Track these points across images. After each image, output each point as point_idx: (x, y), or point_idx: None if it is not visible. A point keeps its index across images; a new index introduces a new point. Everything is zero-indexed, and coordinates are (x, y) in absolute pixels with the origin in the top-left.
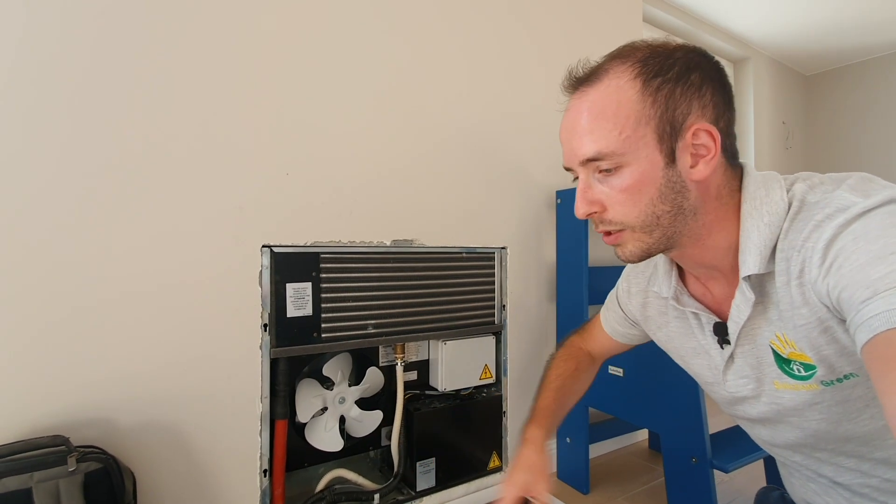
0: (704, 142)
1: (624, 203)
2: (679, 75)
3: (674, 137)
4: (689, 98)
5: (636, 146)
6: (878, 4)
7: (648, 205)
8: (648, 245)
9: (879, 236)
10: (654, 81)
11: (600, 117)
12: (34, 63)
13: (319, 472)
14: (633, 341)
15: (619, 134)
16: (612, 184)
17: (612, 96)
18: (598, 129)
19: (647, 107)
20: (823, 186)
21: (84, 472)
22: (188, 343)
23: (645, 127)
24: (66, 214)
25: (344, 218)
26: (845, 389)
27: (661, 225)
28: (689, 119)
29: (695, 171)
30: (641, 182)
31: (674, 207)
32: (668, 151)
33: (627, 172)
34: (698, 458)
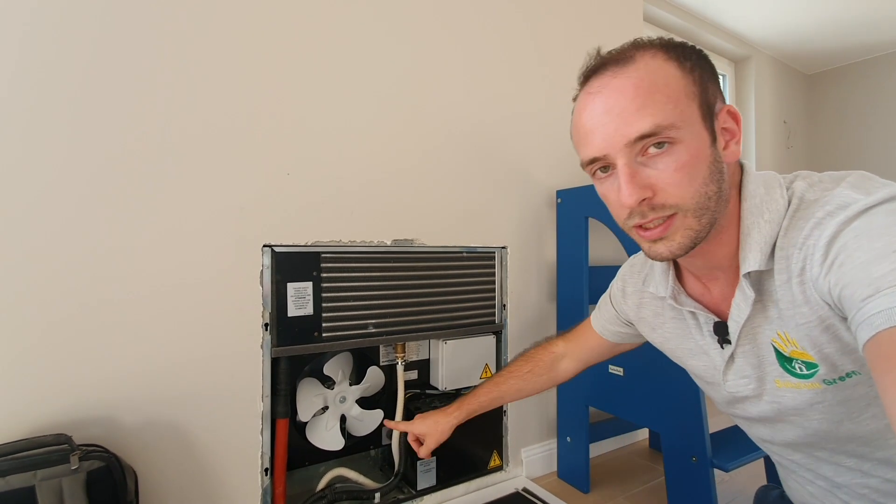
0: (731, 125)
1: (679, 183)
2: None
3: (711, 117)
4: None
5: (689, 121)
6: (879, 3)
7: (702, 184)
8: (697, 233)
9: (882, 234)
10: (686, 63)
11: (652, 91)
12: (36, 64)
13: (320, 471)
14: (624, 340)
15: (675, 107)
16: (665, 163)
17: (658, 72)
18: (653, 104)
19: (690, 84)
20: (823, 184)
21: (87, 471)
22: (190, 342)
23: (692, 103)
24: (68, 215)
25: (345, 218)
26: (847, 388)
27: (710, 208)
28: (718, 100)
29: (728, 152)
30: (696, 158)
31: (719, 189)
32: (711, 129)
33: (682, 149)
34: (698, 458)
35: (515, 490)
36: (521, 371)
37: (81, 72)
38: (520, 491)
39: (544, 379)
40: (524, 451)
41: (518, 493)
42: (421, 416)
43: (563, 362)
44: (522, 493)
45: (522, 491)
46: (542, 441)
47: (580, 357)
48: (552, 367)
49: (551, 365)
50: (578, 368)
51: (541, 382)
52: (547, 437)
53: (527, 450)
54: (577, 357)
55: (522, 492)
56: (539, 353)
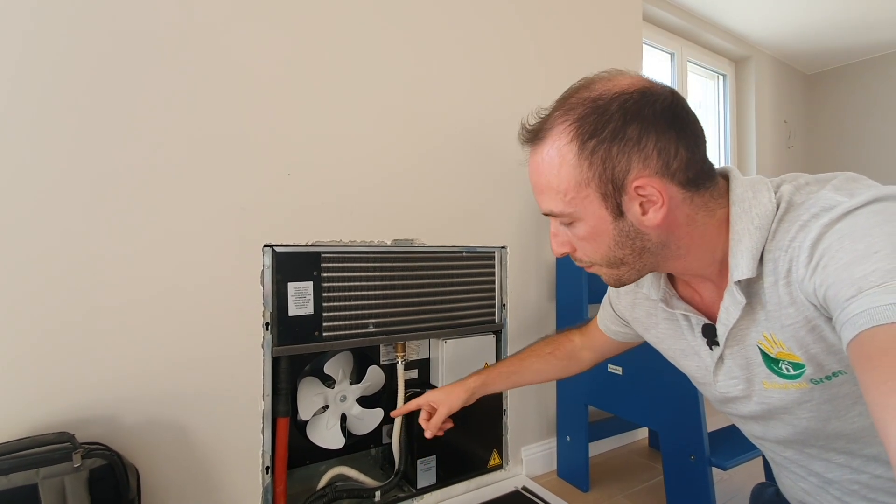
0: (649, 193)
1: (586, 249)
2: (615, 133)
3: (618, 193)
4: (628, 153)
5: (582, 205)
6: (879, 3)
7: (608, 250)
8: (619, 276)
9: (864, 235)
10: (589, 143)
11: (547, 181)
12: (35, 66)
13: (321, 470)
14: (627, 339)
15: (563, 196)
16: (573, 232)
17: (554, 161)
18: (547, 191)
19: (585, 170)
20: (809, 187)
21: (89, 469)
22: (191, 342)
23: (586, 188)
24: (69, 215)
25: (345, 218)
26: (833, 387)
27: (627, 262)
28: (630, 175)
29: (646, 218)
30: (595, 233)
31: (634, 250)
32: (614, 206)
33: (580, 226)
34: (697, 456)
35: (515, 489)
36: (542, 351)
37: (81, 73)
38: (519, 490)
39: (564, 364)
40: (524, 450)
41: (518, 492)
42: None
43: (584, 353)
44: (522, 491)
45: (522, 490)
46: (542, 440)
47: (597, 350)
48: (572, 355)
49: (571, 353)
50: (596, 360)
51: (560, 367)
52: (546, 435)
53: (526, 448)
54: (594, 350)
55: (522, 490)
56: (559, 339)
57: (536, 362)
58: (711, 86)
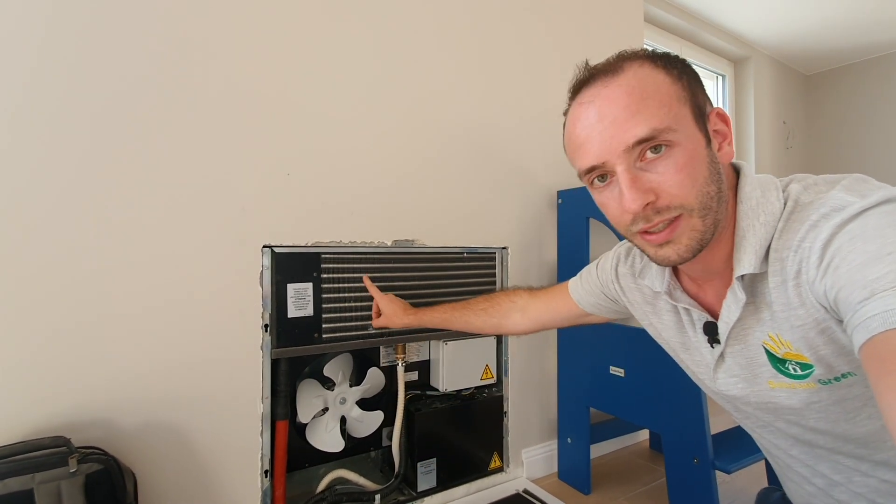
0: (720, 127)
1: (682, 184)
2: (685, 68)
3: (703, 119)
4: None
5: (683, 123)
6: (877, 4)
7: (703, 184)
8: (702, 234)
9: (876, 236)
10: (673, 70)
11: (645, 97)
12: (34, 66)
13: (320, 473)
14: (600, 313)
15: (668, 110)
16: (665, 166)
17: (648, 79)
18: (646, 109)
19: (679, 89)
20: (818, 187)
21: (85, 473)
22: (189, 344)
23: (684, 106)
24: (67, 216)
25: (345, 218)
26: (842, 388)
27: (713, 208)
28: (707, 104)
29: (722, 153)
30: (694, 159)
31: (719, 189)
32: (705, 131)
33: (680, 151)
34: (700, 459)
35: (516, 491)
36: (476, 306)
37: (78, 68)
38: (520, 492)
39: (493, 322)
40: (525, 452)
41: (519, 495)
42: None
43: (516, 316)
44: (523, 494)
45: (523, 492)
46: (543, 442)
47: (537, 318)
48: (504, 315)
49: (505, 313)
50: (530, 328)
51: (488, 324)
52: (547, 437)
53: (527, 451)
54: (532, 316)
55: (523, 493)
56: (500, 297)
57: (468, 314)
58: (710, 86)
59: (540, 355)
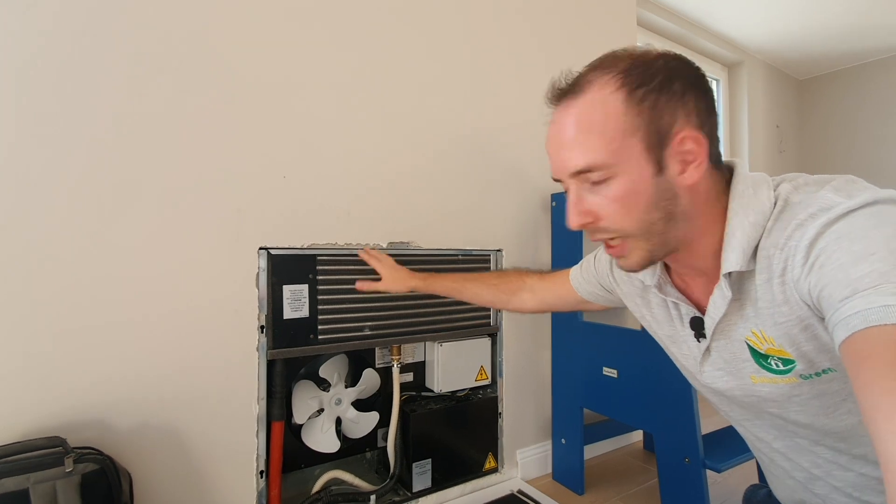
0: (691, 148)
1: (617, 212)
2: (662, 84)
3: (661, 146)
4: (674, 106)
5: (625, 157)
6: (868, 11)
7: (642, 213)
8: (649, 251)
9: (861, 236)
10: (637, 92)
11: (588, 130)
12: (32, 65)
13: (316, 474)
14: (596, 300)
15: (607, 145)
16: (604, 194)
17: (598, 108)
18: (587, 142)
19: (633, 117)
20: (808, 187)
21: (81, 474)
22: (185, 344)
23: (632, 138)
24: (61, 217)
25: (340, 220)
26: (823, 383)
27: (656, 232)
28: (675, 127)
29: (684, 177)
30: (633, 191)
31: (666, 214)
32: (657, 160)
33: (618, 183)
34: (691, 459)
35: (510, 492)
36: (488, 280)
37: (74, 72)
38: (515, 493)
39: (503, 297)
40: (519, 453)
41: (513, 495)
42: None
43: (526, 294)
44: (517, 494)
45: (517, 493)
46: (537, 443)
47: (544, 298)
48: (514, 293)
49: (515, 290)
50: (536, 308)
51: (499, 299)
52: (542, 438)
53: (522, 451)
54: (540, 297)
55: (517, 493)
56: (512, 275)
57: (478, 286)
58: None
59: (534, 357)
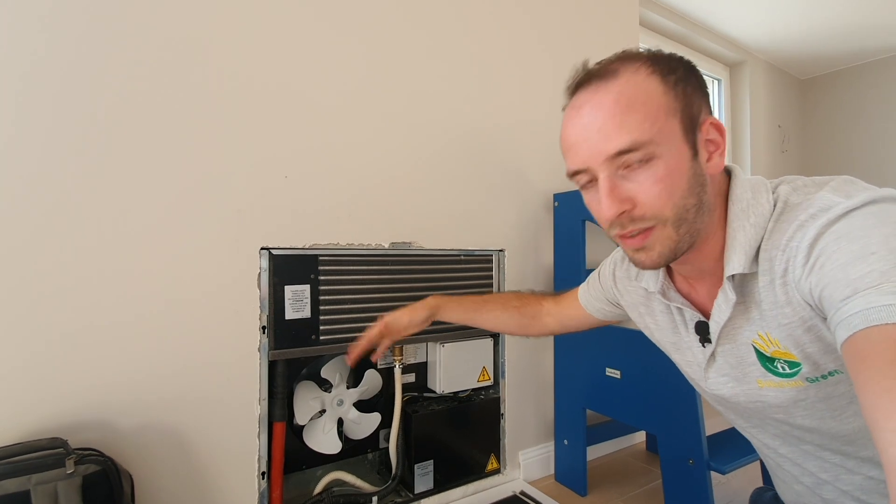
0: (714, 137)
1: (659, 195)
2: (686, 74)
3: (694, 130)
4: (699, 95)
5: (668, 137)
6: (871, 10)
7: (681, 197)
8: (676, 243)
9: (861, 236)
10: (670, 77)
11: (631, 108)
12: (32, 63)
13: (317, 475)
14: (606, 317)
15: (652, 124)
16: (644, 176)
17: (640, 87)
18: (631, 120)
19: (672, 99)
20: (806, 189)
21: (82, 475)
22: (187, 345)
23: (673, 118)
24: (64, 217)
25: (342, 220)
26: (829, 386)
27: (688, 219)
28: (702, 114)
29: (711, 164)
30: (674, 173)
31: (699, 201)
32: (692, 144)
33: (661, 163)
34: (695, 460)
35: (513, 493)
36: (509, 303)
37: (75, 72)
38: (517, 494)
39: (525, 322)
40: (522, 454)
41: (516, 496)
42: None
43: (548, 318)
44: (520, 496)
45: (520, 494)
46: (540, 444)
47: (561, 321)
48: (536, 316)
49: (536, 314)
50: (556, 330)
51: (520, 324)
52: (544, 439)
53: (524, 452)
54: (558, 320)
55: (520, 495)
56: (530, 298)
57: (498, 310)
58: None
59: (536, 357)
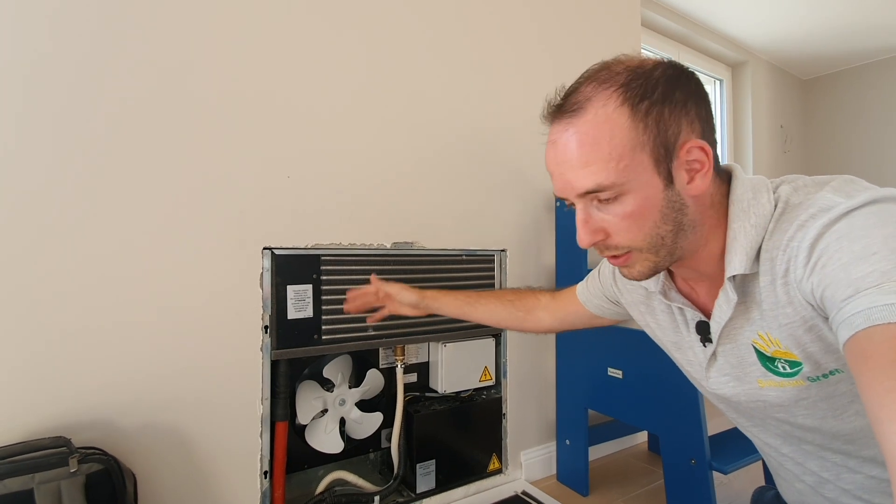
0: (697, 157)
1: (629, 228)
2: (664, 95)
3: (669, 158)
4: (678, 116)
5: (635, 173)
6: (872, 11)
7: (652, 227)
8: (655, 263)
9: (862, 236)
10: (641, 106)
11: (595, 149)
12: (33, 63)
13: (319, 474)
14: (605, 314)
15: (616, 164)
16: (615, 211)
17: (604, 126)
18: (595, 162)
19: (640, 133)
20: (807, 188)
21: (85, 474)
22: (189, 345)
23: (641, 153)
24: (67, 217)
25: (344, 220)
26: (830, 385)
27: (666, 244)
28: (680, 137)
29: (692, 186)
30: (644, 207)
31: (675, 226)
32: (666, 173)
33: (629, 199)
34: (697, 460)
35: (515, 493)
36: (503, 297)
37: (79, 73)
38: (519, 494)
39: (520, 315)
40: (523, 454)
41: (517, 497)
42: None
43: (542, 313)
44: (522, 496)
45: (522, 494)
46: (542, 444)
47: (558, 316)
48: (531, 311)
49: (531, 309)
50: (554, 326)
51: (515, 317)
52: (546, 439)
53: (526, 453)
54: (556, 315)
55: (522, 495)
56: (526, 293)
57: (493, 303)
58: (708, 91)
59: (538, 357)
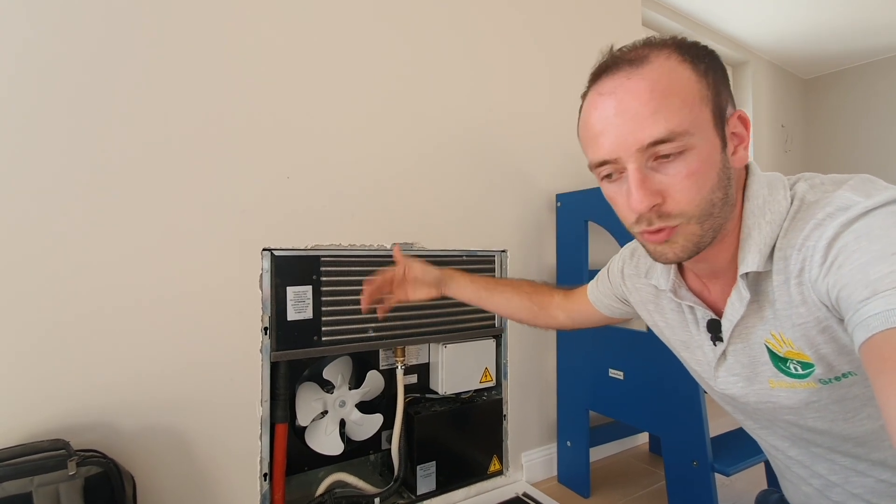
0: (739, 130)
1: (689, 189)
2: (715, 62)
3: (723, 121)
4: (725, 85)
5: (702, 127)
6: (874, 10)
7: (710, 191)
8: (700, 237)
9: (881, 236)
10: (700, 65)
11: (667, 95)
12: (35, 65)
13: (319, 476)
14: (615, 314)
15: (689, 112)
16: (675, 169)
17: (674, 74)
18: (667, 108)
19: (704, 87)
20: (824, 186)
21: (84, 477)
22: (189, 346)
23: (705, 108)
24: (67, 219)
25: (344, 221)
26: (843, 388)
27: (714, 214)
28: (729, 105)
29: (736, 157)
30: (706, 165)
31: (725, 195)
32: (722, 135)
33: (693, 155)
34: (699, 462)
35: (516, 495)
36: (521, 288)
37: (80, 74)
38: (520, 496)
39: (535, 310)
40: (524, 456)
41: (518, 498)
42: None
43: (558, 311)
44: (522, 497)
45: (522, 496)
46: (543, 445)
47: (572, 316)
48: (547, 307)
49: (546, 305)
50: (567, 325)
51: (530, 311)
52: (547, 441)
53: (527, 454)
54: (569, 314)
55: (522, 496)
56: (543, 289)
57: (511, 292)
58: None
59: (539, 358)
